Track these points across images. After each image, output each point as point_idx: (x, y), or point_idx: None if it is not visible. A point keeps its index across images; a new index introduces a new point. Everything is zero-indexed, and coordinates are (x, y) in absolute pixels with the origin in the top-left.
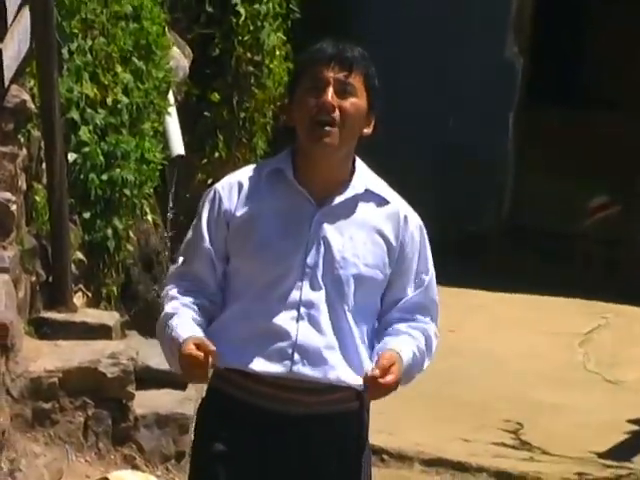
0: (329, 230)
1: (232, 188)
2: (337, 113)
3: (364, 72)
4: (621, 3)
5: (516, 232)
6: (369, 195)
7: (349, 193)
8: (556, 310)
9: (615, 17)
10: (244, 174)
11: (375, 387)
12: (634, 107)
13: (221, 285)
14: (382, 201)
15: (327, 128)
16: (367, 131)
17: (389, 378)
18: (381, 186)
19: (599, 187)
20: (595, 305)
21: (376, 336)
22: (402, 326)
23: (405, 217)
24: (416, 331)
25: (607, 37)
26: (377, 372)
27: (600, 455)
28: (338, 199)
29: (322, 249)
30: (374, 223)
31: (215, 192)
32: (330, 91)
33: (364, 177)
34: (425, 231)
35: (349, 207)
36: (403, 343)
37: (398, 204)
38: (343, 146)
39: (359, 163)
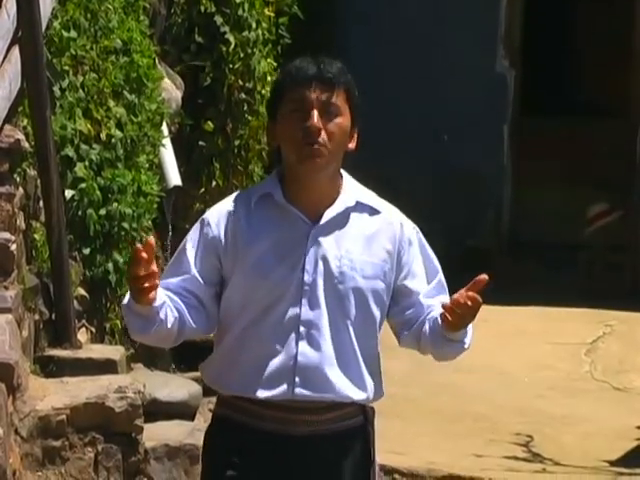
0: (325, 246)
1: (222, 217)
2: (323, 135)
3: (346, 89)
4: (608, 10)
5: (517, 244)
6: (361, 207)
7: (340, 207)
8: (561, 320)
9: (603, 23)
10: (233, 202)
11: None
12: (628, 114)
13: (207, 303)
14: (374, 212)
15: (316, 146)
16: (351, 146)
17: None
18: (371, 197)
19: (598, 195)
20: (599, 313)
21: (409, 327)
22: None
23: (401, 224)
24: None
25: (598, 44)
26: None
27: (612, 463)
28: (330, 214)
29: (320, 266)
30: (369, 234)
31: (204, 221)
32: (315, 114)
33: (353, 190)
34: (420, 233)
35: (342, 221)
36: None
37: (391, 213)
38: (330, 164)
39: (347, 177)
